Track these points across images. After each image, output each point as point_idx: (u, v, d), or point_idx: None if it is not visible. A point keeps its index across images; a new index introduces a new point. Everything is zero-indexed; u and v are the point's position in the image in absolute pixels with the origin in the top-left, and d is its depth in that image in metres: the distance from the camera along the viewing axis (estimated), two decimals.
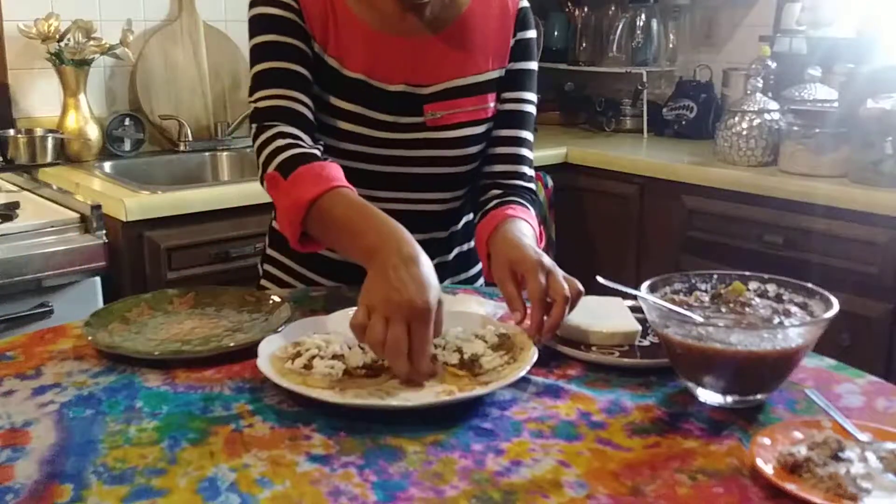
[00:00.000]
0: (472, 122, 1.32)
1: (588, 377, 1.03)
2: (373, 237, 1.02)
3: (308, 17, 1.25)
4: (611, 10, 3.29)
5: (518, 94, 1.36)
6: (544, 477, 0.80)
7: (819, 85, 2.57)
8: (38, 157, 2.43)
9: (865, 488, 0.75)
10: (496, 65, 1.34)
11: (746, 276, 1.03)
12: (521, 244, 1.13)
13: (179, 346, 1.08)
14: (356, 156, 1.29)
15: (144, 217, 2.06)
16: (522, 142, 1.37)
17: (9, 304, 1.83)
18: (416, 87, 1.29)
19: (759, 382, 0.94)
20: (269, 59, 1.23)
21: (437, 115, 1.30)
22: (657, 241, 2.70)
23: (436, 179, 1.34)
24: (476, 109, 1.32)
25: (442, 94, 1.30)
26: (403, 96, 1.29)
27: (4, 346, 1.11)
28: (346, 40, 1.27)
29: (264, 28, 1.24)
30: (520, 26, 1.35)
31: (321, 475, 0.80)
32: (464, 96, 1.31)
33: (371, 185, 1.29)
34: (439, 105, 1.30)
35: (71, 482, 0.78)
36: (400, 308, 0.92)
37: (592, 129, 3.33)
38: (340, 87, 1.27)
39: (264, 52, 1.23)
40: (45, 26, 2.43)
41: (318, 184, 1.10)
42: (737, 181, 2.44)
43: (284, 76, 1.22)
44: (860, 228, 2.17)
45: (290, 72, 1.22)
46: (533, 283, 1.06)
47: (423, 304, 0.92)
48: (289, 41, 1.23)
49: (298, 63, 1.23)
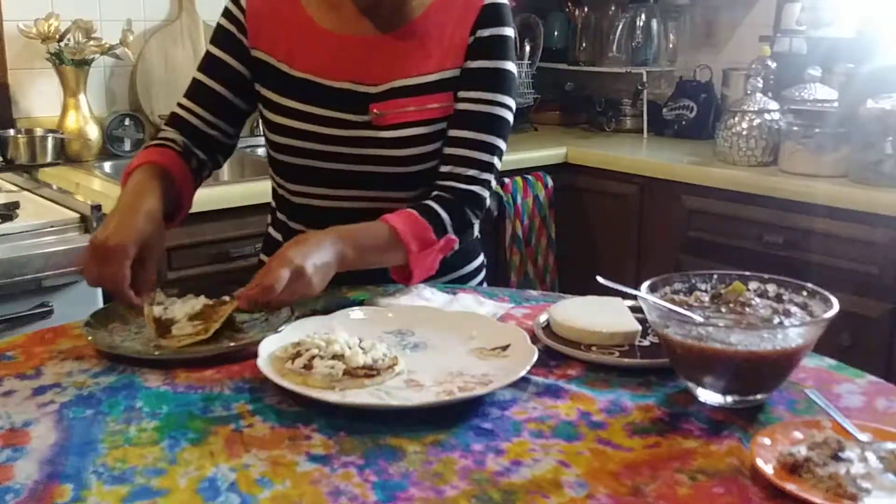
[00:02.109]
0: (418, 122, 1.30)
1: (588, 377, 1.03)
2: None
3: (252, 30, 1.34)
4: (611, 10, 3.29)
5: (479, 94, 1.30)
6: (544, 477, 0.80)
7: (819, 85, 2.57)
8: (38, 157, 2.43)
9: (865, 488, 0.75)
10: (451, 65, 1.31)
11: (746, 276, 1.03)
12: (305, 237, 1.16)
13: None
14: (310, 153, 1.32)
15: None
16: (477, 144, 1.30)
17: (9, 304, 1.83)
18: (363, 85, 1.30)
19: (759, 382, 0.94)
20: (202, 71, 1.37)
21: (382, 114, 1.30)
22: (657, 241, 2.70)
23: (385, 178, 1.33)
24: (421, 110, 1.30)
25: (388, 93, 1.30)
26: (348, 94, 1.30)
27: (4, 346, 1.11)
28: (298, 42, 1.32)
29: (213, 38, 1.38)
30: (481, 24, 1.30)
31: (321, 475, 0.80)
32: (410, 96, 1.30)
33: (327, 184, 1.34)
34: (385, 104, 1.30)
35: (71, 482, 0.78)
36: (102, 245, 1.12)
37: (592, 129, 3.33)
38: (290, 87, 1.32)
39: (203, 62, 1.38)
40: (45, 26, 2.42)
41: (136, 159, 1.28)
42: (737, 181, 2.44)
43: (204, 93, 1.36)
44: (860, 228, 2.17)
45: (210, 90, 1.35)
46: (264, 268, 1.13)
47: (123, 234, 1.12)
48: (224, 59, 1.35)
49: (222, 83, 1.35)
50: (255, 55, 1.34)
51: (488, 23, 1.31)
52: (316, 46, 1.32)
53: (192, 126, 1.35)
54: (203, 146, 1.36)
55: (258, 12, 1.34)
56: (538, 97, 3.30)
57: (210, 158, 1.39)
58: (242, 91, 1.36)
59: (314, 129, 1.31)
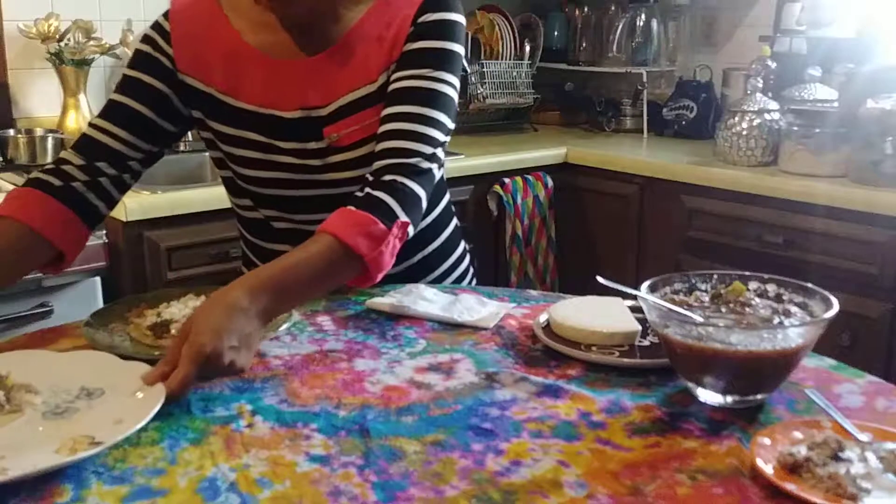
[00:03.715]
0: (371, 136, 1.23)
1: (588, 377, 1.03)
2: None
3: (180, 55, 1.27)
4: (611, 10, 3.29)
5: (413, 71, 1.21)
6: (544, 477, 0.80)
7: (819, 85, 2.57)
8: (38, 157, 2.43)
9: (865, 488, 0.75)
10: (390, 60, 1.24)
11: (746, 276, 1.03)
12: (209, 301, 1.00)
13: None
14: (271, 182, 1.29)
15: (144, 217, 2.06)
16: (414, 117, 1.19)
17: (9, 304, 1.83)
18: (313, 109, 1.25)
19: (759, 382, 0.94)
20: (118, 92, 1.28)
21: (337, 137, 1.25)
22: (657, 241, 2.70)
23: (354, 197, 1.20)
24: (372, 123, 1.23)
25: (336, 113, 1.25)
26: (302, 122, 1.25)
27: (4, 345, 1.11)
28: (241, 74, 1.26)
29: (132, 63, 1.30)
30: (422, 11, 1.23)
31: (321, 475, 0.80)
32: (358, 111, 1.25)
33: (293, 210, 1.31)
34: (336, 126, 1.25)
35: (71, 482, 0.78)
36: None
37: (592, 129, 3.33)
38: (239, 119, 1.27)
39: (119, 84, 1.29)
40: (45, 26, 2.43)
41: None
42: (737, 181, 2.44)
43: (119, 111, 1.26)
44: (860, 228, 2.17)
45: (127, 108, 1.26)
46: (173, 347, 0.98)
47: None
48: (143, 79, 1.27)
49: (142, 102, 1.26)
50: (184, 80, 1.27)
51: (430, 9, 1.23)
52: (256, 73, 1.25)
53: (104, 146, 1.24)
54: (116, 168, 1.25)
55: (185, 35, 1.27)
56: (538, 97, 3.30)
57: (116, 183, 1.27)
58: (166, 111, 1.27)
59: (270, 159, 1.27)
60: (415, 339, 1.14)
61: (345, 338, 1.14)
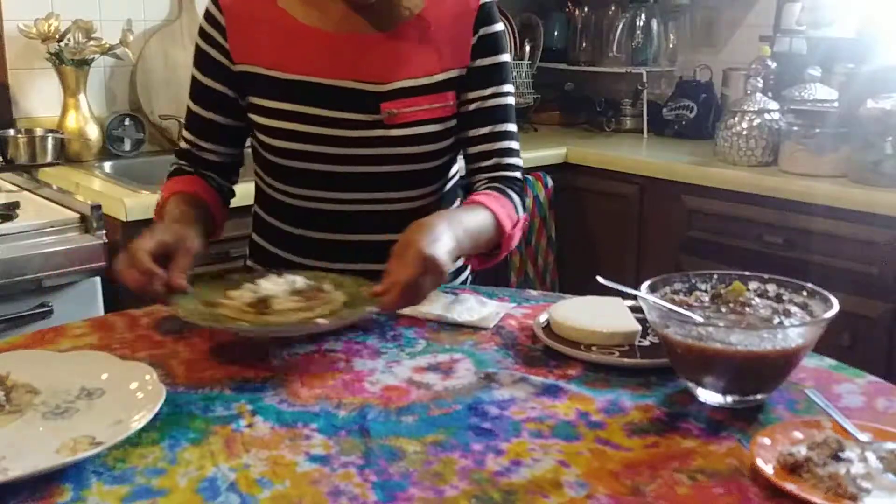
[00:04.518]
0: (431, 119, 1.31)
1: (588, 377, 1.03)
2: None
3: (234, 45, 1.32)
4: (611, 10, 3.29)
5: (491, 89, 1.35)
6: (544, 477, 0.80)
7: (819, 85, 2.57)
8: (38, 157, 2.43)
9: (865, 488, 0.75)
10: (454, 64, 1.33)
11: (746, 276, 1.03)
12: (426, 224, 1.12)
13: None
14: (313, 157, 1.30)
15: (144, 217, 2.06)
16: (503, 135, 1.36)
17: (9, 304, 1.83)
18: (369, 84, 1.29)
19: (759, 382, 0.94)
20: (194, 101, 1.38)
21: (394, 113, 1.29)
22: (657, 241, 2.70)
23: (397, 178, 1.33)
24: (433, 108, 1.31)
25: (398, 92, 1.30)
26: (355, 93, 1.29)
27: (4, 346, 1.11)
28: (285, 44, 1.30)
29: (195, 62, 1.38)
30: (481, 23, 1.34)
31: (321, 475, 0.80)
32: (421, 94, 1.31)
33: (333, 188, 1.32)
34: (396, 103, 1.29)
35: (71, 482, 0.78)
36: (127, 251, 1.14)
37: (592, 129, 3.33)
38: (285, 90, 1.30)
39: (192, 90, 1.38)
40: (45, 26, 2.42)
41: (164, 191, 1.34)
42: (737, 181, 2.44)
43: (201, 125, 1.38)
44: (860, 228, 2.17)
45: (205, 120, 1.37)
46: (391, 259, 1.09)
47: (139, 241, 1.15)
48: (210, 85, 1.35)
49: (215, 110, 1.36)
50: (240, 70, 1.32)
51: (487, 21, 1.34)
52: (305, 46, 1.30)
53: (200, 158, 1.38)
54: (216, 172, 1.40)
55: (237, 20, 1.31)
56: (538, 97, 3.30)
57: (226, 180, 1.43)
58: (234, 112, 1.36)
59: (317, 131, 1.29)
60: (414, 339, 1.14)
61: (344, 338, 1.14)
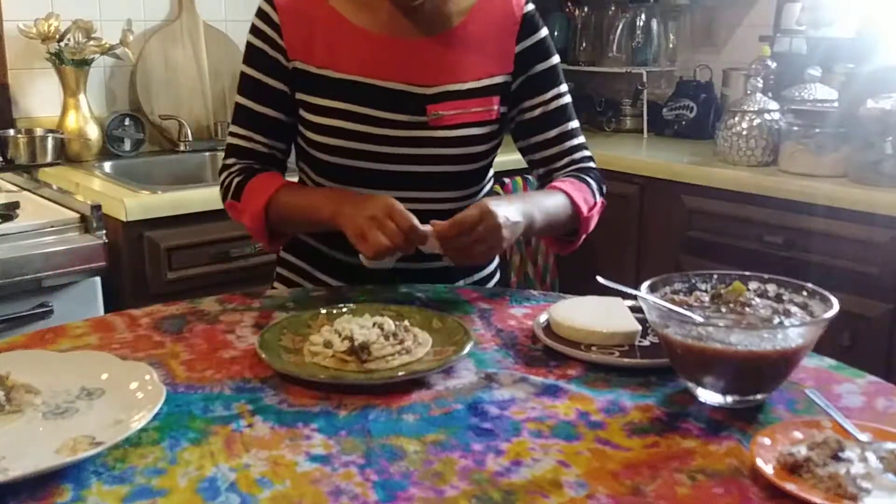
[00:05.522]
0: (475, 123, 1.34)
1: (588, 377, 1.03)
2: (326, 206, 1.26)
3: (290, 43, 1.32)
4: (611, 10, 3.29)
5: (549, 93, 1.41)
6: (544, 477, 0.80)
7: (819, 85, 2.57)
8: (38, 157, 2.43)
9: (865, 488, 0.75)
10: (499, 70, 1.36)
11: (746, 276, 1.03)
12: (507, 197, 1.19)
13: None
14: (360, 154, 1.32)
15: (144, 217, 2.06)
16: (570, 134, 1.43)
17: (9, 304, 1.83)
18: (417, 86, 1.31)
19: (759, 382, 0.94)
20: (246, 96, 1.36)
21: (440, 115, 1.32)
22: (657, 241, 2.70)
23: (441, 178, 1.34)
24: (477, 111, 1.34)
25: (445, 95, 1.32)
26: (404, 95, 1.31)
27: (4, 346, 1.11)
28: (336, 44, 1.32)
29: (248, 58, 1.37)
30: (528, 31, 1.38)
31: (321, 475, 0.80)
32: (467, 98, 1.33)
33: (378, 185, 1.32)
34: (443, 105, 1.32)
35: (71, 482, 0.78)
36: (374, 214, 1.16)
37: (592, 129, 3.33)
38: (336, 88, 1.31)
39: (244, 86, 1.37)
40: (45, 26, 2.42)
41: (264, 193, 1.30)
42: (737, 181, 2.44)
43: (254, 119, 1.36)
44: (860, 228, 2.16)
45: (258, 115, 1.35)
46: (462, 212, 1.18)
47: (384, 199, 1.18)
48: (264, 80, 1.34)
49: (268, 104, 1.35)
50: (294, 67, 1.33)
51: (533, 29, 1.39)
52: (356, 46, 1.32)
53: (254, 152, 1.37)
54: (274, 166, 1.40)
55: (292, 19, 1.32)
56: None
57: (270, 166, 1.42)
58: (287, 108, 1.36)
59: (365, 130, 1.30)
60: None
61: None
